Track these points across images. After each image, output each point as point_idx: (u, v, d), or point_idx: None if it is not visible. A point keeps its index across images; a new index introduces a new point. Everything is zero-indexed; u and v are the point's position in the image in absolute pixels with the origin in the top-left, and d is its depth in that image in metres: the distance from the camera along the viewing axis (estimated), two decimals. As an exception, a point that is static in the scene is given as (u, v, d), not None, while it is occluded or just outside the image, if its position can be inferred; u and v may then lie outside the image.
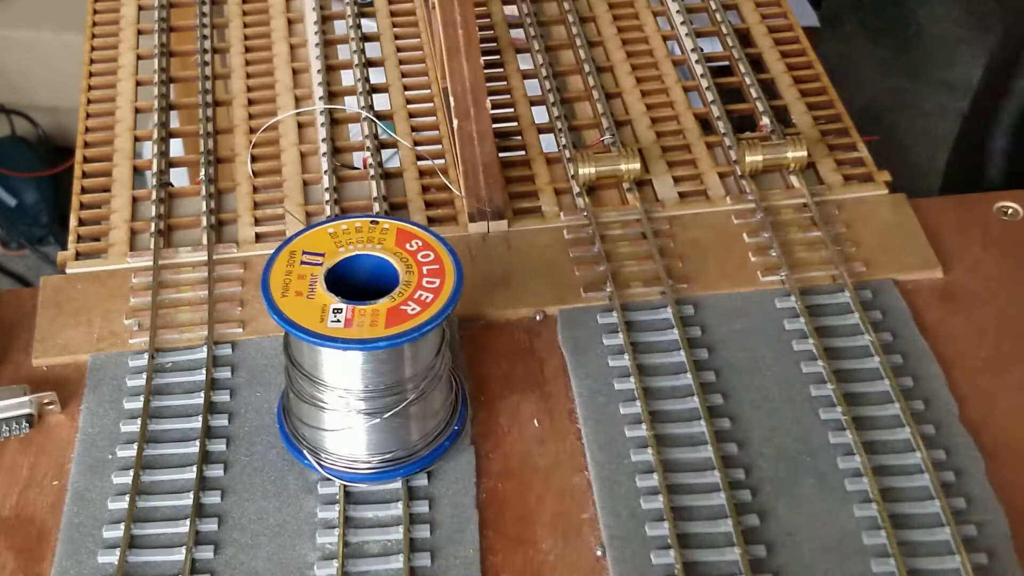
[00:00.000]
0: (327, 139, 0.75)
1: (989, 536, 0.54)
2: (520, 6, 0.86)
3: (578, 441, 0.59)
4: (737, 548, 0.54)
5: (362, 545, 0.55)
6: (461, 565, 0.54)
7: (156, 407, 0.60)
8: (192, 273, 0.67)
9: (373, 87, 0.80)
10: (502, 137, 0.76)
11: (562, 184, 0.73)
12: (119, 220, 0.71)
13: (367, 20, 0.85)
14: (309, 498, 0.57)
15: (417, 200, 0.72)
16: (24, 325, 0.65)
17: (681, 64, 0.82)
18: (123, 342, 0.64)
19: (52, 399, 0.60)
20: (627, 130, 0.76)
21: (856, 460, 0.57)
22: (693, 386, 0.60)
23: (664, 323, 0.64)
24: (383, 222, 0.57)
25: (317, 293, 0.53)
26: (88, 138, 0.77)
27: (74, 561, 0.54)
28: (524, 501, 0.57)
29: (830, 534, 0.55)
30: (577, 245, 0.69)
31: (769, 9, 0.86)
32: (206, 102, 0.79)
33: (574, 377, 0.62)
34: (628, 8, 0.86)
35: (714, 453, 0.57)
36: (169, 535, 0.55)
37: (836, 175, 0.73)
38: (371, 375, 0.54)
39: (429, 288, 0.54)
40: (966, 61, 1.97)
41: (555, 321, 0.65)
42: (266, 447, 0.59)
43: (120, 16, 0.87)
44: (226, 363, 0.63)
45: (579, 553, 0.55)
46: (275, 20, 0.86)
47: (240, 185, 0.73)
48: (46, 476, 0.58)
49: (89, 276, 0.68)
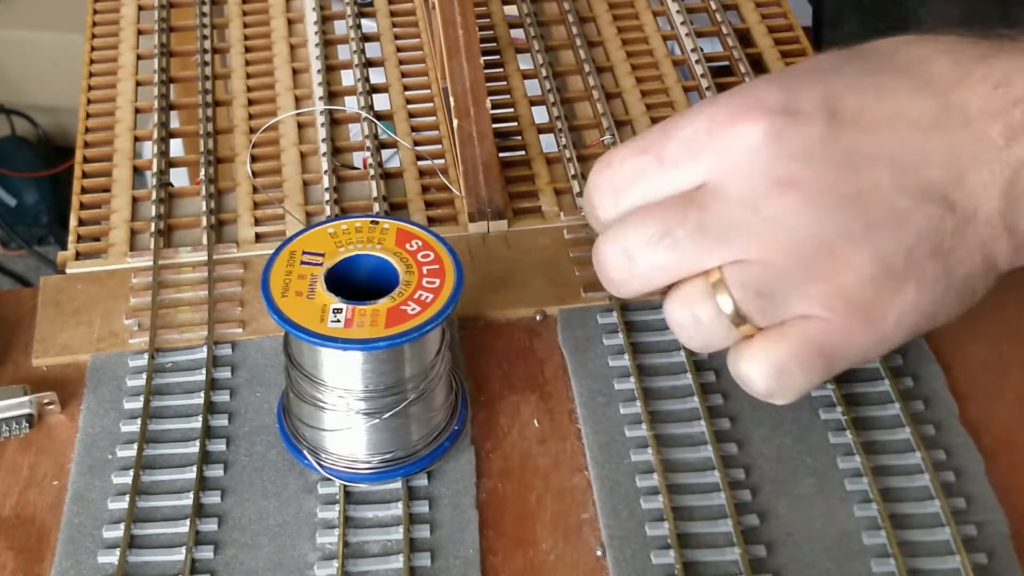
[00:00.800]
0: (327, 139, 0.75)
1: (989, 536, 0.54)
2: (520, 6, 0.86)
3: (578, 441, 0.59)
4: (737, 548, 0.54)
5: (362, 545, 0.55)
6: (461, 565, 0.54)
7: (156, 407, 0.60)
8: (192, 273, 0.67)
9: (373, 87, 0.80)
10: (502, 137, 0.76)
11: (562, 184, 0.73)
12: (119, 220, 0.71)
13: (367, 20, 0.85)
14: (309, 498, 0.57)
15: (417, 200, 0.72)
16: (24, 325, 0.65)
17: (681, 64, 0.82)
18: (123, 342, 0.64)
19: (52, 399, 0.60)
20: (627, 130, 0.76)
21: (856, 460, 0.57)
22: (693, 386, 0.60)
23: (664, 323, 0.63)
24: (383, 222, 0.57)
25: (317, 293, 0.53)
26: (88, 138, 0.77)
27: (74, 561, 0.54)
28: (524, 501, 0.57)
29: (830, 534, 0.55)
30: (577, 245, 0.69)
31: (769, 9, 0.86)
32: (206, 102, 0.79)
33: (574, 377, 0.62)
34: (628, 8, 0.86)
35: (714, 453, 0.57)
36: (169, 535, 0.55)
37: (836, 175, 0.73)
38: (371, 375, 0.54)
39: (429, 288, 0.54)
40: (966, 61, 1.97)
41: (555, 321, 0.65)
42: (266, 447, 0.59)
43: (120, 16, 0.87)
44: (226, 363, 0.63)
45: (579, 553, 0.55)
46: (275, 20, 0.86)
47: (240, 185, 0.73)
48: (46, 476, 0.58)
49: (89, 276, 0.68)
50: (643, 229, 0.51)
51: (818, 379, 0.51)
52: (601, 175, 0.53)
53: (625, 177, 0.52)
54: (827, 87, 0.50)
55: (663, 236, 0.50)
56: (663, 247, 0.50)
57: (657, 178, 0.51)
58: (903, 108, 0.49)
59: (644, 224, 0.51)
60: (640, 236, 0.51)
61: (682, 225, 0.50)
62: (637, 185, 0.52)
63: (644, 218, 0.51)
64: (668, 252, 0.50)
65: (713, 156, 0.49)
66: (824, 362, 0.50)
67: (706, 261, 0.50)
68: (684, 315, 0.52)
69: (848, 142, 0.48)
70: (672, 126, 0.51)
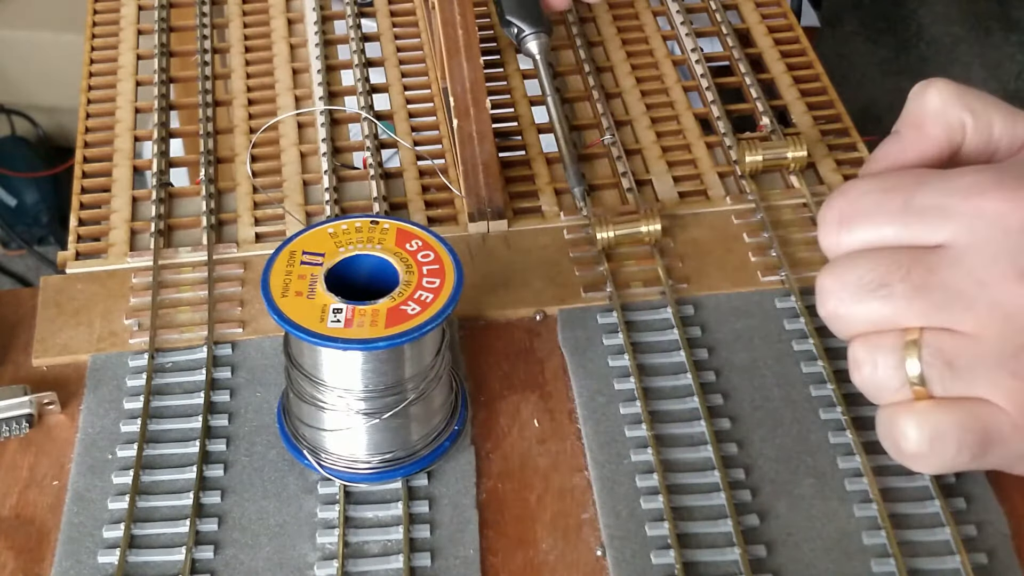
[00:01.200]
0: (327, 139, 0.75)
1: (989, 536, 0.54)
2: (520, 6, 0.86)
3: (578, 441, 0.59)
4: (737, 548, 0.54)
5: (362, 545, 0.55)
6: (461, 565, 0.54)
7: (156, 407, 0.60)
8: (192, 273, 0.67)
9: (373, 87, 0.80)
10: (502, 137, 0.76)
11: (562, 184, 0.73)
12: (119, 220, 0.71)
13: (367, 20, 0.85)
14: (309, 498, 0.57)
15: (417, 200, 0.72)
16: (24, 325, 0.65)
17: (681, 64, 0.82)
18: (123, 342, 0.64)
19: (52, 399, 0.60)
20: (627, 130, 0.76)
21: (856, 460, 0.57)
22: (693, 386, 0.60)
23: (664, 323, 0.64)
24: (383, 222, 0.57)
25: (317, 293, 0.53)
26: (88, 138, 0.77)
27: (74, 561, 0.54)
28: (524, 501, 0.57)
29: (830, 534, 0.55)
30: (577, 245, 0.69)
31: (769, 9, 0.86)
32: (206, 102, 0.79)
33: (574, 377, 0.62)
34: (628, 8, 0.86)
35: (714, 453, 0.57)
36: (169, 535, 0.55)
37: (836, 175, 0.73)
38: (371, 375, 0.54)
39: (429, 288, 0.54)
40: (966, 61, 1.97)
41: (555, 321, 0.65)
42: (266, 447, 0.59)
43: (120, 16, 0.86)
44: (226, 363, 0.63)
45: (579, 553, 0.55)
46: (275, 20, 0.86)
47: (240, 185, 0.73)
48: (46, 476, 0.58)
49: (89, 276, 0.68)
50: (863, 273, 0.50)
51: (965, 460, 0.50)
52: (833, 202, 0.52)
53: (860, 211, 0.51)
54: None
55: (880, 286, 0.49)
56: (877, 296, 0.49)
57: (897, 224, 0.50)
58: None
59: (866, 268, 0.50)
60: (859, 279, 0.50)
61: (904, 281, 0.49)
62: (872, 223, 0.50)
63: (869, 262, 0.50)
64: (880, 303, 0.49)
65: (964, 221, 0.48)
66: (981, 448, 0.49)
67: (912, 321, 0.49)
68: (865, 357, 0.51)
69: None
70: (931, 175, 0.50)
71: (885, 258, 0.50)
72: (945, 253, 0.48)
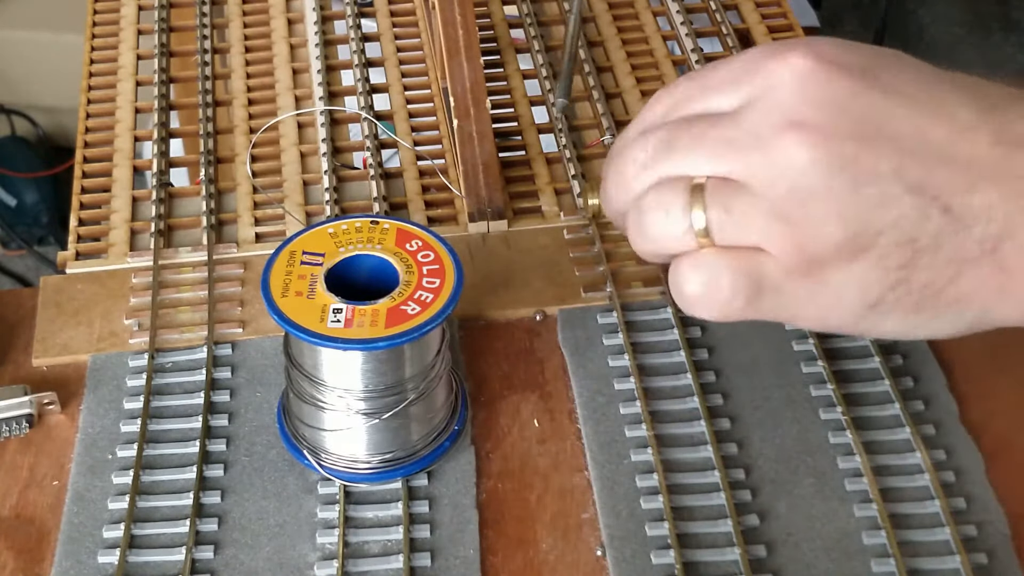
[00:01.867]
0: (327, 139, 0.75)
1: (989, 536, 0.54)
2: (520, 6, 0.86)
3: (578, 441, 0.59)
4: (737, 548, 0.54)
5: (362, 545, 0.55)
6: (461, 565, 0.54)
7: (156, 407, 0.60)
8: (192, 273, 0.67)
9: (373, 87, 0.80)
10: (502, 137, 0.76)
11: (562, 184, 0.73)
12: (119, 220, 0.71)
13: (367, 20, 0.85)
14: (309, 498, 0.57)
15: (417, 200, 0.72)
16: (24, 325, 0.65)
17: (681, 64, 0.82)
18: (123, 342, 0.64)
19: (52, 399, 0.60)
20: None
21: (856, 460, 0.57)
22: (693, 386, 0.60)
23: (664, 323, 0.64)
24: (383, 222, 0.57)
25: (317, 293, 0.53)
26: (88, 138, 0.77)
27: (74, 561, 0.54)
28: (524, 501, 0.57)
29: (830, 534, 0.55)
30: (577, 245, 0.69)
31: (769, 9, 0.86)
32: (206, 102, 0.79)
33: (574, 377, 0.62)
34: (628, 8, 0.86)
35: (714, 453, 0.57)
36: (169, 535, 0.55)
37: (836, 175, 0.73)
38: (371, 375, 0.54)
39: (429, 288, 0.54)
40: (966, 61, 1.97)
41: (555, 321, 0.65)
42: (266, 447, 0.59)
43: (120, 16, 0.87)
44: (226, 363, 0.63)
45: (579, 553, 0.55)
46: (275, 20, 0.86)
47: (240, 185, 0.73)
48: (46, 476, 0.58)
49: (89, 276, 0.68)
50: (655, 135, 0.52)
51: (740, 305, 0.50)
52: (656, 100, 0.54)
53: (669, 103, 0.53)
54: (881, 59, 0.50)
55: (670, 142, 0.51)
56: (663, 149, 0.51)
57: (697, 101, 0.52)
58: (945, 102, 0.49)
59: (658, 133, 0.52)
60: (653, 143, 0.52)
61: (687, 132, 0.51)
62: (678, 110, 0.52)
63: (662, 128, 0.52)
64: (666, 154, 0.51)
65: (751, 85, 0.50)
66: (754, 292, 0.50)
67: (696, 169, 0.50)
68: (655, 205, 0.51)
69: (871, 106, 0.48)
70: (727, 59, 0.52)
71: (673, 122, 0.52)
72: (731, 112, 0.50)
